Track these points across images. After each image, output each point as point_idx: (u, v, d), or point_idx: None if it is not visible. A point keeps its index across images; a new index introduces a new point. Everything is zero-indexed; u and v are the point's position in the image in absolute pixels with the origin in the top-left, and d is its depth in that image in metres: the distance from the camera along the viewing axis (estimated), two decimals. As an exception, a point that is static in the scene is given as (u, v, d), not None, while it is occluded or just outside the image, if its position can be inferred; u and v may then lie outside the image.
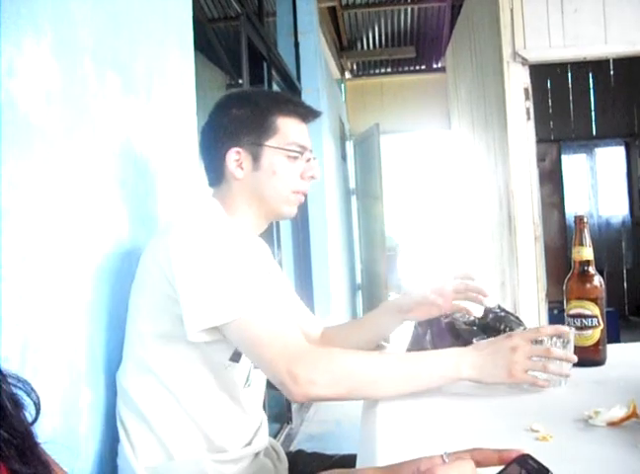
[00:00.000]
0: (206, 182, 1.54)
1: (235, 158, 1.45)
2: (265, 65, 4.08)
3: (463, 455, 0.75)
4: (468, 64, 6.25)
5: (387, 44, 8.43)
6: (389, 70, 9.27)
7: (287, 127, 1.46)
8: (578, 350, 1.40)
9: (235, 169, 1.45)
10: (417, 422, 1.17)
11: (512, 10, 4.28)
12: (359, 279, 8.30)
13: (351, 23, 7.70)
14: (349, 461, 1.45)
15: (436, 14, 7.64)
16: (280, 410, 4.14)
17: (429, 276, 9.54)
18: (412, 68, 9.22)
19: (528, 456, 0.71)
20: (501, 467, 0.71)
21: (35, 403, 0.73)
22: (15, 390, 0.71)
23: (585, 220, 1.49)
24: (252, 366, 1.42)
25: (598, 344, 1.47)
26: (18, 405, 0.71)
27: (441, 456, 0.76)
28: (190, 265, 1.24)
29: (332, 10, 6.95)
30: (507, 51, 4.32)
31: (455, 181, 8.05)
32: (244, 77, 3.33)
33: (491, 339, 1.33)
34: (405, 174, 9.43)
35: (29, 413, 0.71)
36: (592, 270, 1.48)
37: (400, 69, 9.23)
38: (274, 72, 4.29)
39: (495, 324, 1.61)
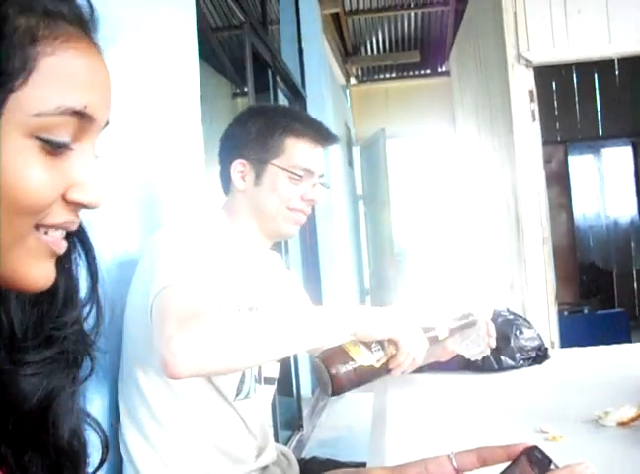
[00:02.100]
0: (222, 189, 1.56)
1: (240, 169, 1.47)
2: (269, 73, 4.09)
3: (470, 454, 0.75)
4: (473, 68, 6.26)
5: (391, 50, 8.44)
6: (394, 75, 9.27)
7: (295, 149, 1.46)
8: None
9: (238, 180, 1.47)
10: (426, 423, 1.18)
11: (515, 13, 4.28)
12: (367, 284, 8.30)
13: (354, 28, 7.72)
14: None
15: (439, 18, 7.65)
16: (292, 416, 4.14)
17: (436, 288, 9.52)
18: (416, 73, 9.23)
19: (536, 448, 0.70)
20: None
21: (101, 442, 0.74)
22: (85, 427, 0.72)
23: None
24: (242, 378, 1.41)
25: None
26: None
27: (448, 456, 0.76)
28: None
29: (335, 16, 6.96)
30: (511, 54, 4.32)
31: (462, 184, 8.05)
32: (249, 86, 3.35)
33: None
34: (412, 178, 9.42)
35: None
36: None
37: (405, 74, 9.24)
38: (278, 80, 4.30)
39: (504, 328, 1.61)
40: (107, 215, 1.44)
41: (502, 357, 1.55)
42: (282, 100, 4.48)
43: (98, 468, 0.74)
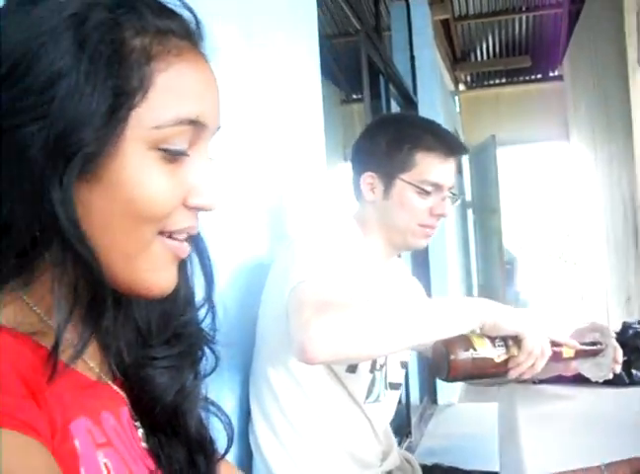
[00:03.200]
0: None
1: (369, 182, 1.48)
2: (382, 81, 4.11)
3: (622, 464, 0.75)
4: (588, 72, 6.07)
5: (502, 54, 8.28)
6: (504, 80, 9.09)
7: (426, 164, 1.44)
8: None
9: (367, 192, 1.49)
10: (560, 434, 1.16)
11: (638, 13, 4.12)
12: (475, 293, 8.16)
13: (464, 34, 7.63)
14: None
15: (552, 21, 7.44)
16: (400, 423, 4.12)
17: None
18: (527, 78, 9.01)
19: None
20: None
21: (228, 435, 0.78)
22: (211, 419, 0.77)
23: None
24: (372, 381, 1.44)
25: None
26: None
27: (599, 467, 0.75)
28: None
29: (445, 22, 6.91)
30: (632, 57, 4.16)
31: (575, 192, 7.81)
32: (365, 94, 3.38)
33: None
34: (523, 185, 9.21)
35: None
36: None
37: (515, 79, 9.04)
38: (391, 87, 4.31)
39: (635, 341, 1.57)
40: (236, 222, 1.50)
41: (633, 371, 1.50)
42: (395, 107, 4.49)
43: (226, 451, 0.78)
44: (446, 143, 1.47)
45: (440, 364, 1.20)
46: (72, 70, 0.56)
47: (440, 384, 5.01)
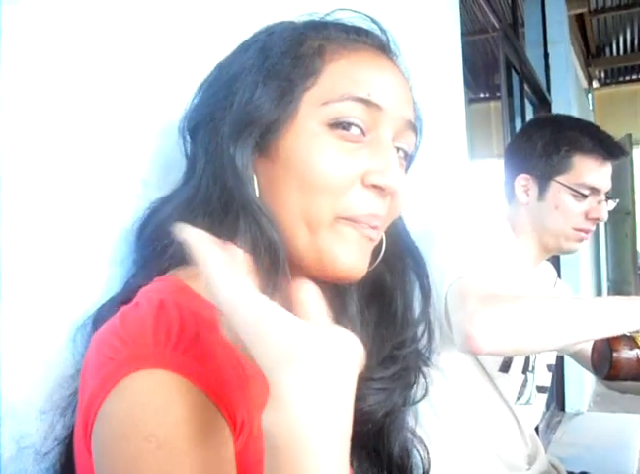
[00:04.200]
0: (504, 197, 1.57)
1: (523, 183, 1.48)
2: (517, 79, 4.02)
3: None
4: None
5: (640, 49, 7.90)
6: (642, 76, 8.68)
7: (582, 167, 1.43)
8: None
9: (521, 194, 1.48)
10: None
11: None
12: (604, 298, 7.82)
13: (599, 28, 7.31)
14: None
15: (700, 10, 7.00)
16: (526, 430, 4.04)
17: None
18: (668, 72, 8.56)
19: None
20: None
21: (424, 468, 0.79)
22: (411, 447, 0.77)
23: None
24: (524, 382, 1.43)
25: None
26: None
27: None
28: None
29: (579, 17, 6.65)
30: None
31: None
32: (502, 93, 3.32)
33: None
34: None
35: None
36: None
37: (654, 75, 8.61)
38: (525, 86, 4.21)
39: None
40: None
41: None
42: (527, 106, 4.39)
43: None
44: (605, 146, 1.44)
45: (602, 362, 1.17)
46: (254, 66, 0.64)
47: (569, 391, 4.86)
